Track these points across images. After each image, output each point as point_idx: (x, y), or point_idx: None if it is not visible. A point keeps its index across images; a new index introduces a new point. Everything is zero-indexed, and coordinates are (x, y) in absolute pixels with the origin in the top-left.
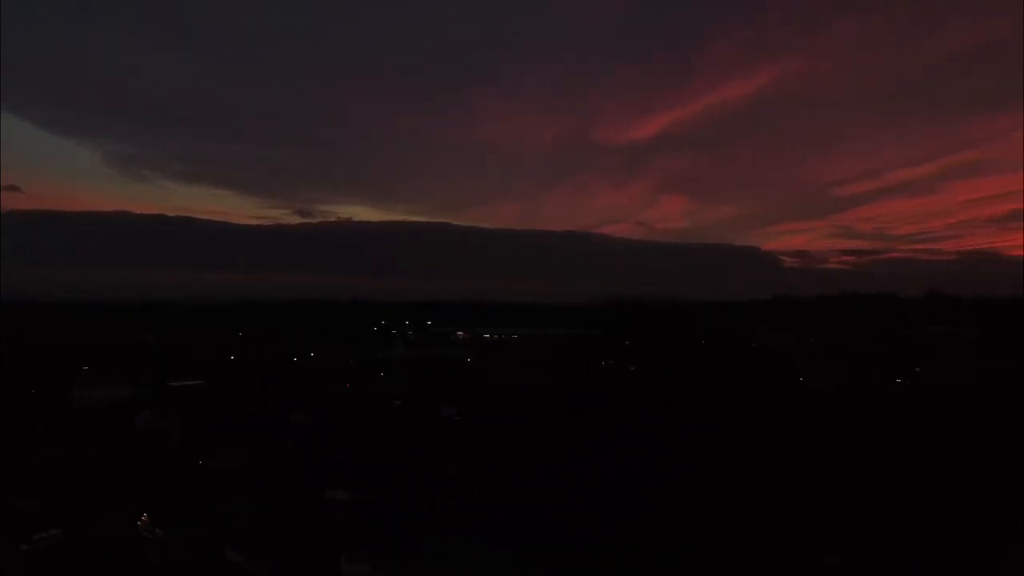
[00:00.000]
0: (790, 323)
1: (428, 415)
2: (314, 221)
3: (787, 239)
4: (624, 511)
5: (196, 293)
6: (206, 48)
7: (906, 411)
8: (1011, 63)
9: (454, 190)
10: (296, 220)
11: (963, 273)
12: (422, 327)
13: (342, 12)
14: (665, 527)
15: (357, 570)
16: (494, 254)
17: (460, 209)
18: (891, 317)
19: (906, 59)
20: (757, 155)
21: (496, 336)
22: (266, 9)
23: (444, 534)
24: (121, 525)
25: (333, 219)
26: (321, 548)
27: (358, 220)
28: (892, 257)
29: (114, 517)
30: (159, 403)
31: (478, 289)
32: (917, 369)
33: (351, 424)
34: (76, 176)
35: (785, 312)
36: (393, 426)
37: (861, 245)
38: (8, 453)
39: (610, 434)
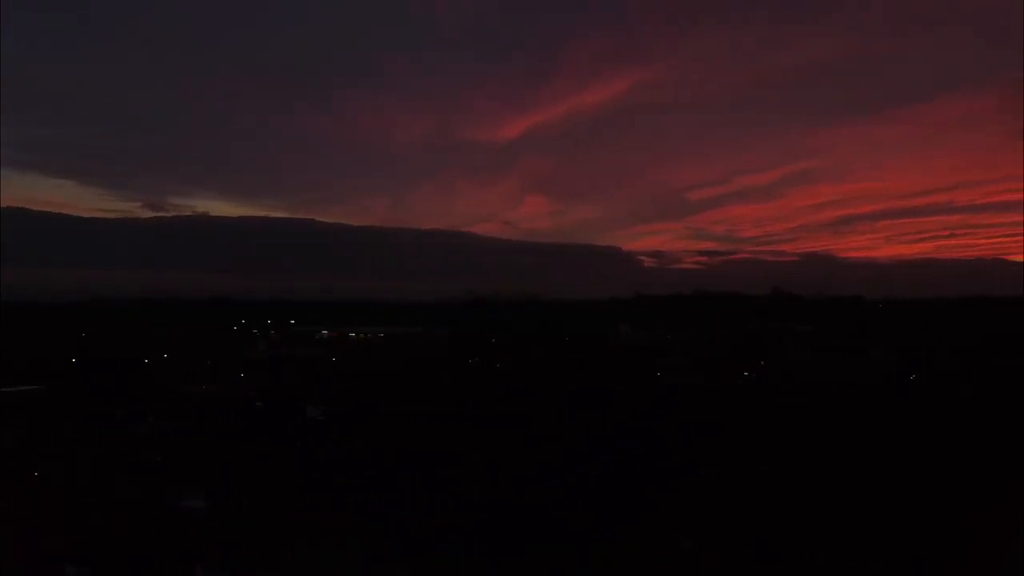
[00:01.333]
0: (649, 320)
1: (291, 416)
2: (167, 215)
3: (646, 240)
4: (490, 509)
5: (33, 291)
6: (45, 21)
7: (768, 405)
8: (845, 79)
9: (318, 186)
10: (147, 213)
11: (803, 273)
12: (285, 326)
13: None
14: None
15: None
16: (360, 252)
17: (324, 205)
18: (739, 314)
19: (754, 71)
20: (617, 158)
21: (362, 335)
22: None
23: (308, 538)
24: None
25: (188, 212)
26: (175, 560)
27: (215, 214)
28: (741, 258)
29: None
30: None
31: (344, 287)
32: (762, 363)
33: (208, 427)
34: None
35: (644, 310)
36: (254, 428)
37: (713, 246)
38: None
39: (479, 432)
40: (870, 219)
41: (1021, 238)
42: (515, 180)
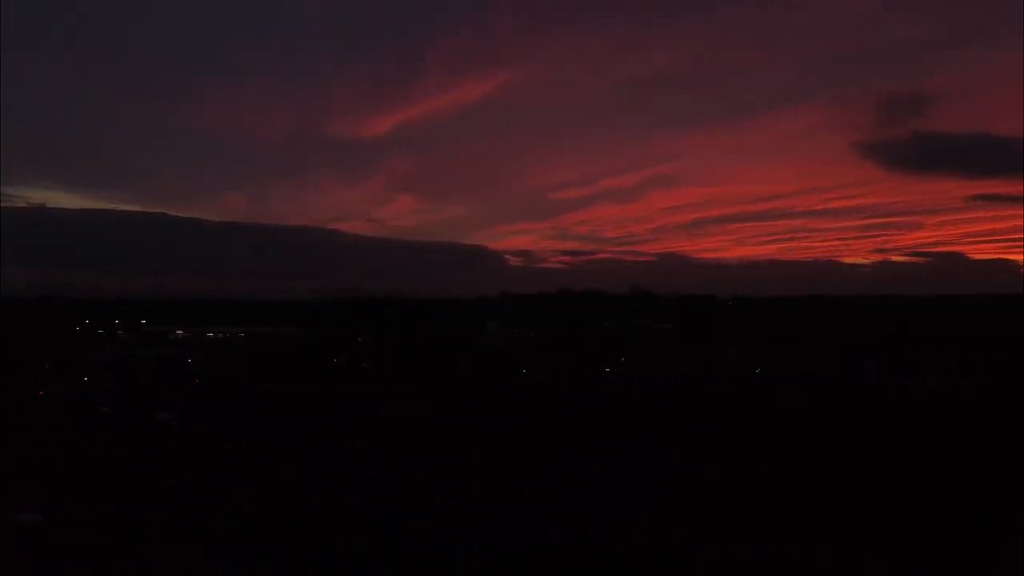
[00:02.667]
0: (514, 319)
1: (141, 421)
2: None
3: (512, 239)
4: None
5: None
6: None
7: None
8: (703, 85)
9: (172, 179)
10: None
11: (660, 273)
12: (135, 326)
13: None
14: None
15: None
16: (218, 248)
17: (179, 199)
18: (601, 312)
19: (616, 77)
20: (484, 158)
21: (221, 335)
22: None
23: (157, 550)
24: None
25: (22, 204)
26: None
27: (54, 206)
28: (602, 257)
29: None
30: None
31: (201, 285)
32: (623, 359)
33: (44, 436)
34: None
35: (510, 308)
36: (99, 435)
37: (577, 246)
38: None
39: (345, 433)
40: (721, 222)
41: (851, 242)
42: (382, 178)
